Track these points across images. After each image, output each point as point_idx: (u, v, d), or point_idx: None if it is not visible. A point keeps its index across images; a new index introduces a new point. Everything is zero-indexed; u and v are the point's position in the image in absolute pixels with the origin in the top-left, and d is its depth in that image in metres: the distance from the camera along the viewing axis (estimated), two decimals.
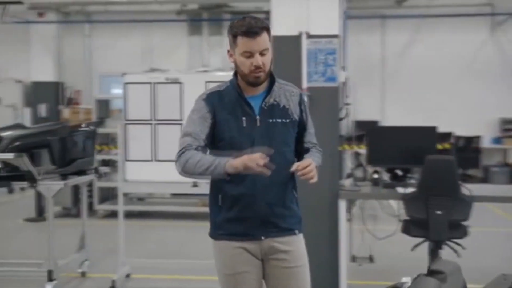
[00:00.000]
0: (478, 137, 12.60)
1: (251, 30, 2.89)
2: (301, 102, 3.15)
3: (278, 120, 3.03)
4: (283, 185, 3.07)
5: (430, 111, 13.03)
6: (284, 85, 3.13)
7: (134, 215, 10.06)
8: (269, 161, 2.86)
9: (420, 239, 5.49)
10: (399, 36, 13.88)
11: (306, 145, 3.22)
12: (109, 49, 14.37)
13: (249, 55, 2.92)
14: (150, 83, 6.03)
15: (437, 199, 5.21)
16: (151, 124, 6.03)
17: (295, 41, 5.58)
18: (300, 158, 3.15)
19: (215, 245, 3.12)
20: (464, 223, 5.40)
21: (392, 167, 5.94)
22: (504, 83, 13.48)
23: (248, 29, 2.89)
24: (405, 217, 5.48)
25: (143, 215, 10.14)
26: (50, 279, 5.69)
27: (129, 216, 9.78)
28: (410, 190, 5.44)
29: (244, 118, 2.99)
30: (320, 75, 5.59)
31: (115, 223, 6.42)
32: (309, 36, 5.57)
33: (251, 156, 2.76)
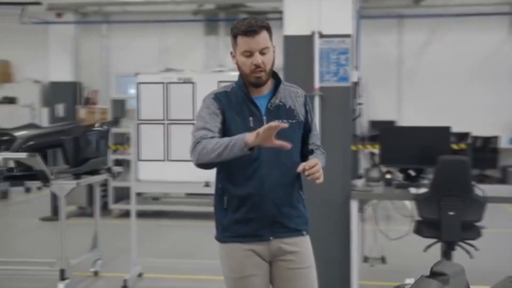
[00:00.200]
0: (495, 138, 12.51)
1: (250, 29, 2.90)
2: (306, 103, 3.14)
3: (285, 121, 3.01)
4: (290, 185, 3.05)
5: (447, 111, 12.93)
6: (289, 86, 3.13)
7: (149, 214, 10.10)
8: (276, 166, 2.94)
9: (432, 240, 5.45)
10: (416, 35, 13.78)
11: (310, 146, 3.20)
12: (126, 49, 14.44)
13: (249, 54, 2.92)
14: (163, 83, 6.04)
15: (450, 200, 5.17)
16: (163, 124, 6.04)
17: (307, 40, 5.56)
18: (305, 159, 3.13)
19: (222, 248, 3.09)
20: (477, 224, 5.35)
21: (405, 167, 5.89)
22: None
23: (247, 28, 2.90)
24: (418, 218, 5.45)
25: (158, 214, 10.18)
26: (63, 278, 5.71)
27: (144, 215, 9.84)
28: (422, 190, 5.40)
29: (251, 118, 2.99)
30: (333, 75, 5.57)
31: (128, 222, 6.44)
32: (322, 36, 5.55)
33: (266, 126, 2.71)
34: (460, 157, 5.26)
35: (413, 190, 5.53)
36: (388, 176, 5.85)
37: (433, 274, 2.18)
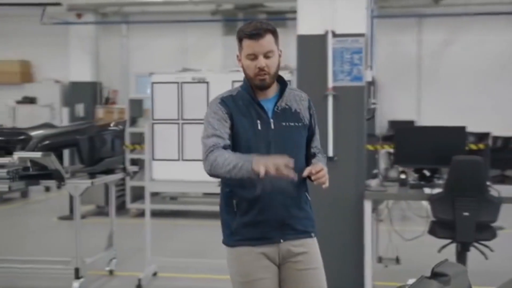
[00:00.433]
0: None
1: (254, 32, 2.92)
2: (309, 107, 3.16)
3: (291, 124, 3.04)
4: (297, 188, 3.06)
5: (467, 111, 12.80)
6: (293, 90, 3.16)
7: (167, 214, 10.14)
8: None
9: (447, 241, 5.40)
10: (435, 35, 13.68)
11: (312, 150, 3.21)
12: (145, 49, 14.50)
13: (253, 57, 2.94)
14: (177, 82, 6.06)
15: (464, 200, 5.12)
16: (178, 123, 6.05)
17: (321, 40, 5.55)
18: (307, 161, 3.15)
19: (231, 252, 3.09)
20: (494, 225, 5.30)
21: (420, 168, 5.85)
22: None
23: (252, 31, 2.93)
24: (432, 218, 5.41)
25: (176, 214, 10.20)
26: (77, 276, 5.75)
27: (162, 215, 9.88)
28: (437, 190, 5.36)
29: (258, 121, 3.00)
30: (346, 75, 5.55)
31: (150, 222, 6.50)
32: (335, 35, 5.54)
33: (276, 158, 2.73)
34: (474, 157, 5.20)
35: (427, 191, 5.50)
36: (403, 176, 5.82)
37: (434, 275, 2.16)
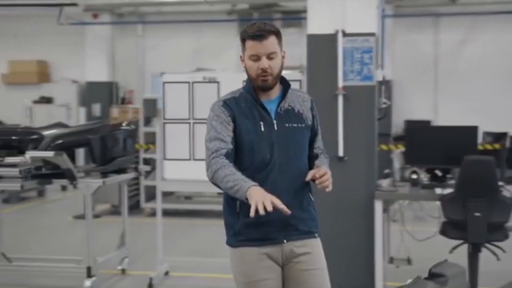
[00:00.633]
0: None
1: (258, 34, 2.93)
2: (312, 108, 3.16)
3: (294, 125, 3.05)
4: (301, 189, 3.07)
5: (485, 110, 12.68)
6: (295, 91, 3.16)
7: (182, 213, 10.17)
8: (287, 170, 2.97)
9: (459, 241, 5.36)
10: (452, 34, 13.57)
11: (315, 150, 3.22)
12: (161, 49, 14.55)
13: (256, 58, 2.95)
14: (188, 82, 6.07)
15: (476, 201, 5.08)
16: (189, 123, 6.06)
17: (331, 39, 5.54)
18: (310, 162, 3.17)
19: (234, 253, 3.09)
20: (505, 225, 5.25)
21: (431, 168, 5.81)
22: None
23: (255, 32, 2.94)
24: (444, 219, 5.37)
25: (191, 213, 10.23)
26: (89, 275, 5.79)
27: (177, 214, 9.92)
28: (448, 191, 5.33)
29: (261, 123, 3.01)
30: (356, 74, 5.53)
31: (161, 221, 6.51)
32: (345, 35, 5.52)
33: (270, 198, 2.70)
34: (486, 157, 5.16)
35: (438, 191, 5.46)
36: (414, 176, 5.78)
37: (432, 275, 2.16)
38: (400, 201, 6.35)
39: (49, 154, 5.70)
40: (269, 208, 2.65)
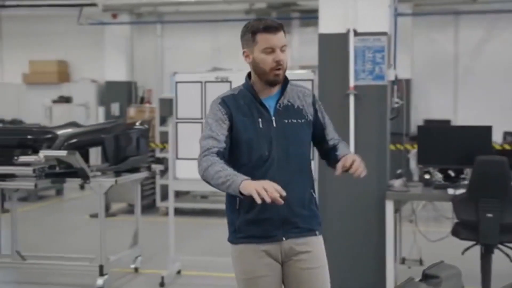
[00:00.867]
0: None
1: (272, 26, 2.93)
2: (314, 102, 3.14)
3: (294, 121, 3.04)
4: (301, 185, 3.06)
5: (505, 110, 12.58)
6: (295, 86, 3.14)
7: (198, 212, 10.19)
8: (287, 167, 2.96)
9: (471, 243, 5.31)
10: (473, 32, 13.44)
11: (330, 142, 3.19)
12: (179, 49, 14.59)
13: (271, 51, 2.93)
14: (200, 82, 6.08)
15: (488, 201, 5.02)
16: (201, 122, 6.06)
17: (342, 38, 5.51)
18: (327, 156, 3.18)
19: (234, 249, 3.11)
20: None
21: (445, 168, 5.76)
22: None
23: (269, 25, 2.93)
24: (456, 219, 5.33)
25: (207, 212, 10.24)
26: (101, 273, 5.82)
27: (193, 213, 9.95)
28: (461, 191, 5.27)
29: (260, 120, 3.00)
30: (368, 74, 5.50)
31: (177, 220, 6.54)
32: (357, 34, 5.49)
33: (267, 182, 2.70)
34: (498, 157, 5.09)
35: (451, 191, 5.40)
36: (427, 176, 5.74)
37: (425, 277, 2.14)
38: (415, 201, 6.30)
39: (62, 153, 5.75)
40: (271, 190, 2.63)
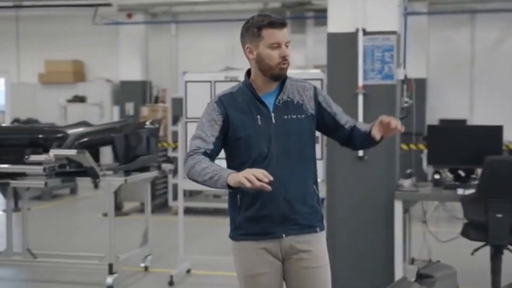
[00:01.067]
0: None
1: (278, 21, 2.95)
2: (316, 95, 3.11)
3: (293, 116, 3.03)
4: (302, 182, 3.04)
5: None
6: (295, 82, 3.13)
7: (210, 212, 10.20)
8: (287, 163, 2.96)
9: (481, 243, 5.27)
10: (489, 31, 13.31)
11: (347, 125, 3.15)
12: (194, 49, 14.59)
13: (277, 45, 2.94)
14: (210, 81, 6.09)
15: (498, 202, 4.99)
16: None
17: (351, 38, 5.49)
18: (348, 140, 3.16)
19: (235, 246, 3.11)
20: None
21: (454, 168, 5.72)
22: None
23: (275, 20, 2.95)
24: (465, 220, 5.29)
25: (219, 212, 10.23)
26: (111, 272, 5.85)
27: (205, 213, 9.97)
28: (470, 191, 5.23)
29: (258, 117, 3.00)
30: (377, 73, 5.47)
31: (189, 219, 6.54)
32: (366, 33, 5.47)
33: (254, 169, 2.73)
34: (508, 157, 5.07)
35: (460, 191, 5.36)
36: (437, 176, 5.70)
37: (420, 276, 2.13)
38: (427, 202, 6.27)
39: (72, 152, 5.79)
40: (260, 177, 2.65)
